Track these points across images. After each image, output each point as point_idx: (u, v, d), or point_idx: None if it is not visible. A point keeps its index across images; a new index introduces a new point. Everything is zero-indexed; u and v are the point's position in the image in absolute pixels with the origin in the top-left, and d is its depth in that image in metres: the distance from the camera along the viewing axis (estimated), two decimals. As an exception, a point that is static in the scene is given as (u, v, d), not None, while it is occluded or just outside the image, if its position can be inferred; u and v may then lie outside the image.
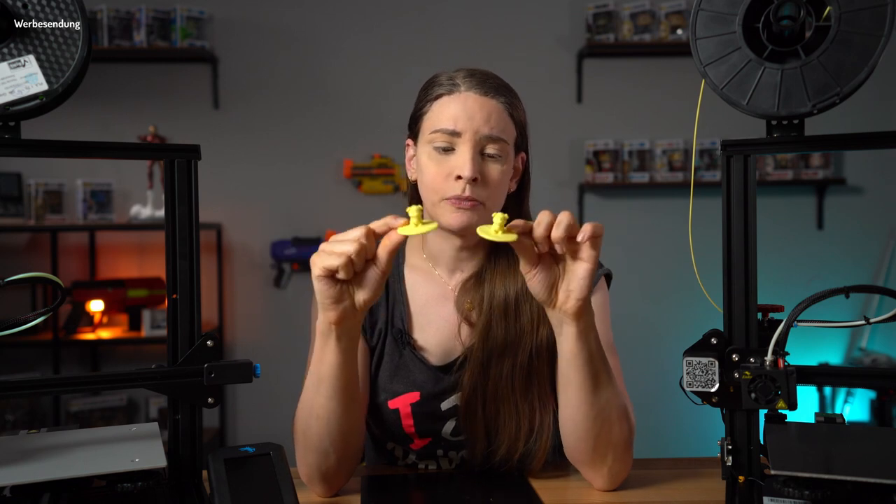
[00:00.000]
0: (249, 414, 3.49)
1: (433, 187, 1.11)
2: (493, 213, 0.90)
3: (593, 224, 0.90)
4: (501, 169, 1.11)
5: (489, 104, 1.10)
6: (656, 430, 3.21)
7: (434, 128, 1.10)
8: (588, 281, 0.93)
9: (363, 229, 0.91)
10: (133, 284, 3.25)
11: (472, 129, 1.08)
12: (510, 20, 3.53)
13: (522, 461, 1.13)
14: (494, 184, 1.10)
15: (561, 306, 0.95)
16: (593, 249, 0.92)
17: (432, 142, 1.11)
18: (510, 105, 1.12)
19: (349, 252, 0.89)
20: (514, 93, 1.15)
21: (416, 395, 1.17)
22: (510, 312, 1.14)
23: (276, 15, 3.51)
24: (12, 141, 0.80)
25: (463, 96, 1.10)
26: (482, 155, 1.10)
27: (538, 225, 0.91)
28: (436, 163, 1.11)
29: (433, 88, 1.13)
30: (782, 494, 0.82)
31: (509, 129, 1.12)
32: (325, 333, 0.97)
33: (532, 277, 0.95)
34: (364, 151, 3.46)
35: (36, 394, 1.11)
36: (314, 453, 1.04)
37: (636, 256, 3.52)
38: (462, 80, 1.11)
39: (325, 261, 0.91)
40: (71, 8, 0.80)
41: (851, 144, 0.86)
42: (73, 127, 2.60)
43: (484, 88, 1.10)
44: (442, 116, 1.10)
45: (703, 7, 0.87)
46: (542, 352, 1.13)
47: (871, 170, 3.57)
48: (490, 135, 1.09)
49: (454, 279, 1.21)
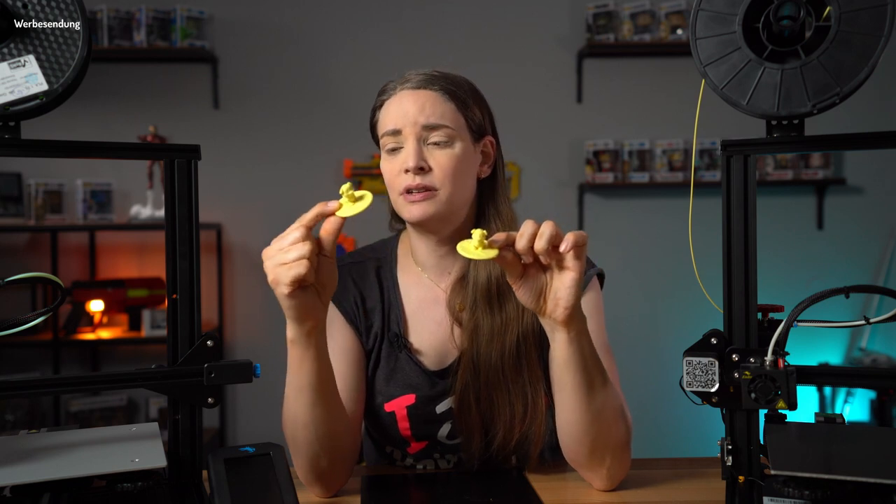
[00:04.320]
0: (249, 414, 3.49)
1: (391, 185, 1.15)
2: (472, 230, 0.90)
3: (576, 234, 0.91)
4: (450, 153, 1.12)
5: (423, 95, 1.13)
6: (656, 430, 3.21)
7: (381, 132, 1.15)
8: (575, 290, 0.93)
9: (302, 229, 0.90)
10: (133, 284, 3.25)
11: (409, 122, 1.11)
12: (510, 20, 3.53)
13: (519, 448, 1.13)
14: (445, 169, 1.11)
15: (550, 314, 0.95)
16: (577, 259, 0.92)
17: (385, 146, 1.15)
18: (447, 91, 1.14)
19: (305, 255, 0.88)
20: (459, 80, 1.17)
21: (412, 397, 1.17)
22: (494, 301, 1.14)
23: (276, 15, 3.51)
24: (12, 141, 0.80)
25: (398, 96, 1.14)
26: (427, 145, 1.12)
27: (520, 237, 0.91)
28: (388, 163, 1.15)
29: (379, 97, 1.18)
30: (782, 494, 0.82)
31: (450, 115, 1.13)
32: (303, 344, 0.96)
33: (519, 288, 0.95)
34: (364, 151, 3.46)
35: (36, 394, 1.11)
36: (305, 457, 1.04)
37: (636, 256, 3.52)
38: (399, 83, 1.15)
39: (289, 274, 0.88)
40: (71, 8, 0.80)
41: (851, 144, 0.86)
42: (73, 127, 2.61)
43: (416, 83, 1.14)
44: (385, 120, 1.14)
45: (703, 7, 0.87)
46: (528, 336, 1.13)
47: (871, 170, 3.56)
48: (427, 123, 1.11)
49: (444, 282, 1.21)
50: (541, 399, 1.13)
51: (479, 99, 1.18)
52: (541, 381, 1.13)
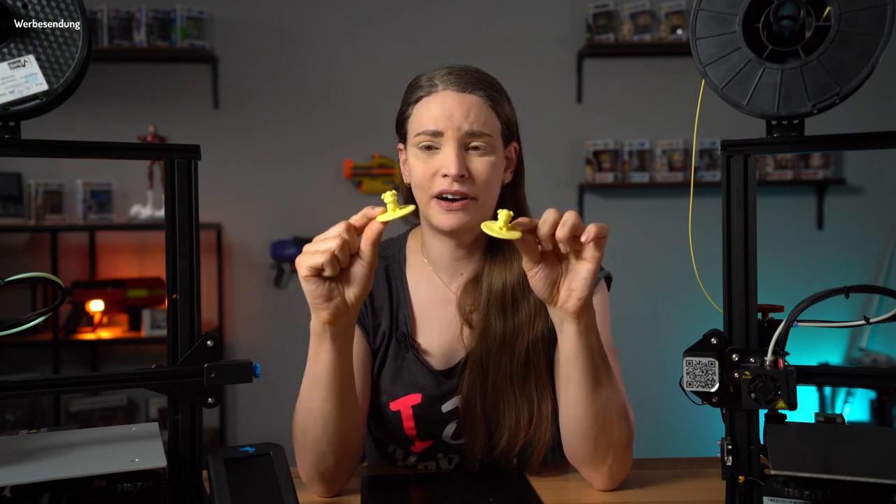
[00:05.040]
0: (249, 414, 3.49)
1: (422, 186, 1.12)
2: (498, 210, 0.91)
3: (598, 225, 0.91)
4: (489, 161, 1.11)
5: (468, 100, 1.10)
6: (656, 430, 3.21)
7: (417, 130, 1.12)
8: (590, 281, 0.93)
9: (343, 225, 0.92)
10: (133, 284, 3.25)
11: (452, 126, 1.09)
12: (510, 20, 3.53)
13: (522, 454, 1.13)
14: (483, 178, 1.10)
15: (562, 305, 0.96)
16: (597, 250, 0.92)
17: (418, 143, 1.12)
18: (490, 98, 1.13)
19: (332, 248, 0.91)
20: (496, 84, 1.16)
21: (418, 396, 1.17)
22: (507, 307, 1.14)
23: (276, 15, 3.51)
24: (12, 141, 0.80)
25: (441, 95, 1.11)
26: (467, 150, 1.10)
27: (543, 223, 0.91)
28: (423, 162, 1.12)
29: (414, 91, 1.15)
30: (782, 494, 0.82)
31: (491, 122, 1.12)
32: (320, 334, 0.98)
33: (534, 275, 0.95)
34: (364, 151, 3.46)
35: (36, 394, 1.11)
36: (312, 454, 1.04)
37: (636, 256, 3.52)
38: (440, 80, 1.12)
39: (310, 260, 0.92)
40: (71, 8, 0.80)
41: (851, 144, 0.86)
42: (73, 127, 2.60)
43: (461, 84, 1.11)
44: (423, 118, 1.11)
45: (703, 7, 0.87)
46: (538, 343, 1.13)
47: (871, 170, 3.56)
48: (471, 130, 1.10)
49: (455, 282, 1.21)
50: (547, 407, 1.12)
51: (510, 103, 1.18)
52: (548, 388, 1.13)
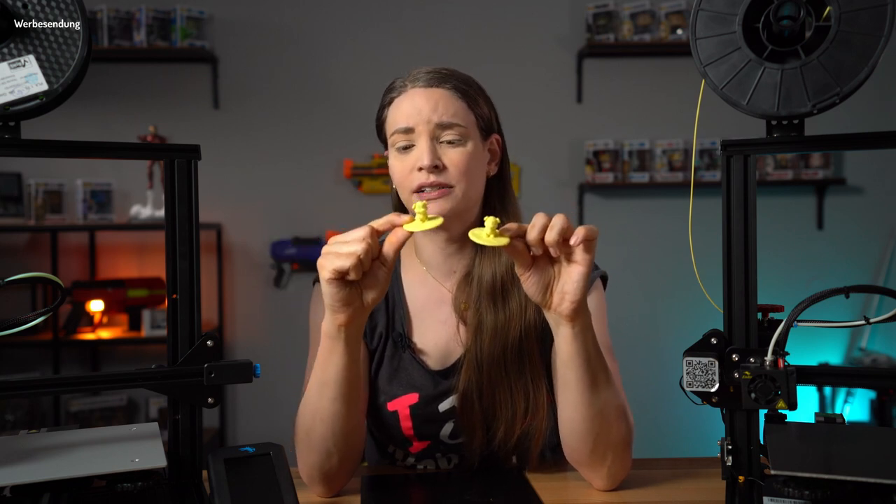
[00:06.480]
0: (249, 414, 3.48)
1: (402, 185, 1.14)
2: (485, 217, 0.91)
3: (587, 227, 0.91)
4: (464, 151, 1.12)
5: (435, 93, 1.13)
6: (656, 430, 3.21)
7: (391, 130, 1.14)
8: (582, 284, 0.93)
9: (367, 229, 0.92)
10: (133, 284, 3.25)
11: (422, 120, 1.11)
12: (510, 20, 3.53)
13: (520, 445, 1.14)
14: (459, 167, 1.11)
15: (556, 308, 0.96)
16: (587, 253, 0.92)
17: (394, 144, 1.14)
18: (459, 90, 1.14)
19: (358, 252, 0.90)
20: (469, 80, 1.17)
21: (415, 396, 1.17)
22: (498, 298, 1.15)
23: (276, 15, 3.51)
24: (12, 141, 0.80)
25: (410, 93, 1.14)
26: (441, 143, 1.12)
27: (532, 228, 0.91)
28: (400, 161, 1.14)
29: (387, 94, 1.17)
30: (782, 494, 0.82)
31: (463, 113, 1.13)
32: (334, 336, 0.98)
33: (527, 279, 0.95)
34: (364, 151, 3.46)
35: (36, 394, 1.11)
36: (317, 454, 1.04)
37: (636, 256, 3.52)
38: (410, 80, 1.15)
39: (335, 263, 0.91)
40: (71, 8, 0.80)
41: (851, 144, 0.86)
42: (73, 127, 2.60)
43: (428, 80, 1.14)
44: (396, 117, 1.14)
45: (703, 7, 0.87)
46: (531, 332, 1.14)
47: (871, 170, 3.56)
48: (441, 122, 1.11)
49: (449, 281, 1.21)
50: (542, 394, 1.13)
51: (486, 97, 1.19)
52: (542, 376, 1.14)
